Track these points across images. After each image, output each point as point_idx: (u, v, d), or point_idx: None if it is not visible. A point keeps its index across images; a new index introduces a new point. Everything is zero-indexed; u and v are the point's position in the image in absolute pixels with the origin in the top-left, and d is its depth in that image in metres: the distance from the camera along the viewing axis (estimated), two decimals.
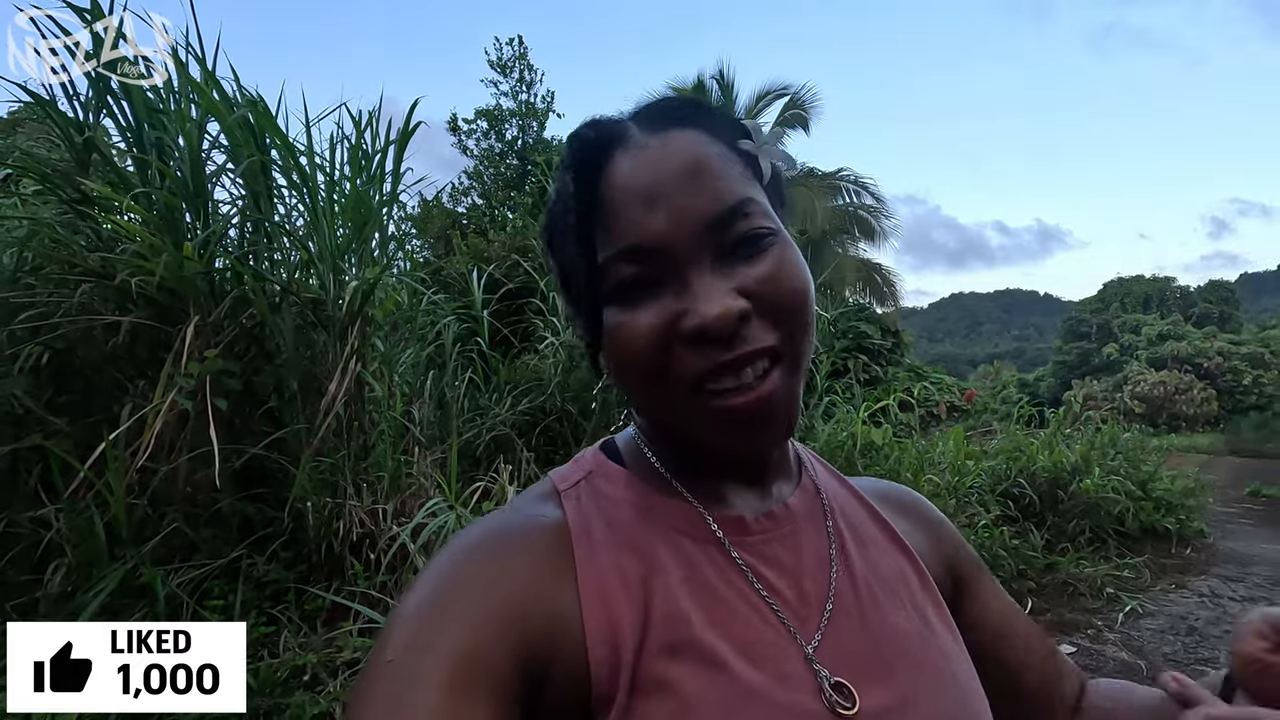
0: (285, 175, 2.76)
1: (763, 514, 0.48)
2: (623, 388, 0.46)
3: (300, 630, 2.12)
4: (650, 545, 0.44)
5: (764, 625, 0.43)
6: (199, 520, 2.32)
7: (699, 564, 0.44)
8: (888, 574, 0.50)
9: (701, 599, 0.42)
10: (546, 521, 0.45)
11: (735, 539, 0.46)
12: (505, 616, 0.39)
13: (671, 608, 0.41)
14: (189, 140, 2.45)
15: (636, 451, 0.50)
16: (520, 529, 0.44)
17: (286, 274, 2.78)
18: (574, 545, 0.43)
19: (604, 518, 0.45)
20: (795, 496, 0.50)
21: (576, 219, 0.43)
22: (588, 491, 0.47)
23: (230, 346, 2.45)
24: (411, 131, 2.92)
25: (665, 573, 0.43)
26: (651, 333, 0.42)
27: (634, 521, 0.45)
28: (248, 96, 2.68)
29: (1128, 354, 31.63)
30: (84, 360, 2.57)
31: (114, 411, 2.41)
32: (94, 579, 2.07)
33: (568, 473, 0.49)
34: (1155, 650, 3.20)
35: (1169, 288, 39.80)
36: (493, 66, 10.45)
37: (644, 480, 0.48)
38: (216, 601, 2.15)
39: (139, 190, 2.29)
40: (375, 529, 2.35)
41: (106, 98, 2.41)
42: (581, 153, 0.43)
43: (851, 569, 0.48)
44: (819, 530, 0.50)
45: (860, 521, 0.53)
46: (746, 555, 0.45)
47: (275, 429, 2.48)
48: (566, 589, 0.41)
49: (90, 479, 2.04)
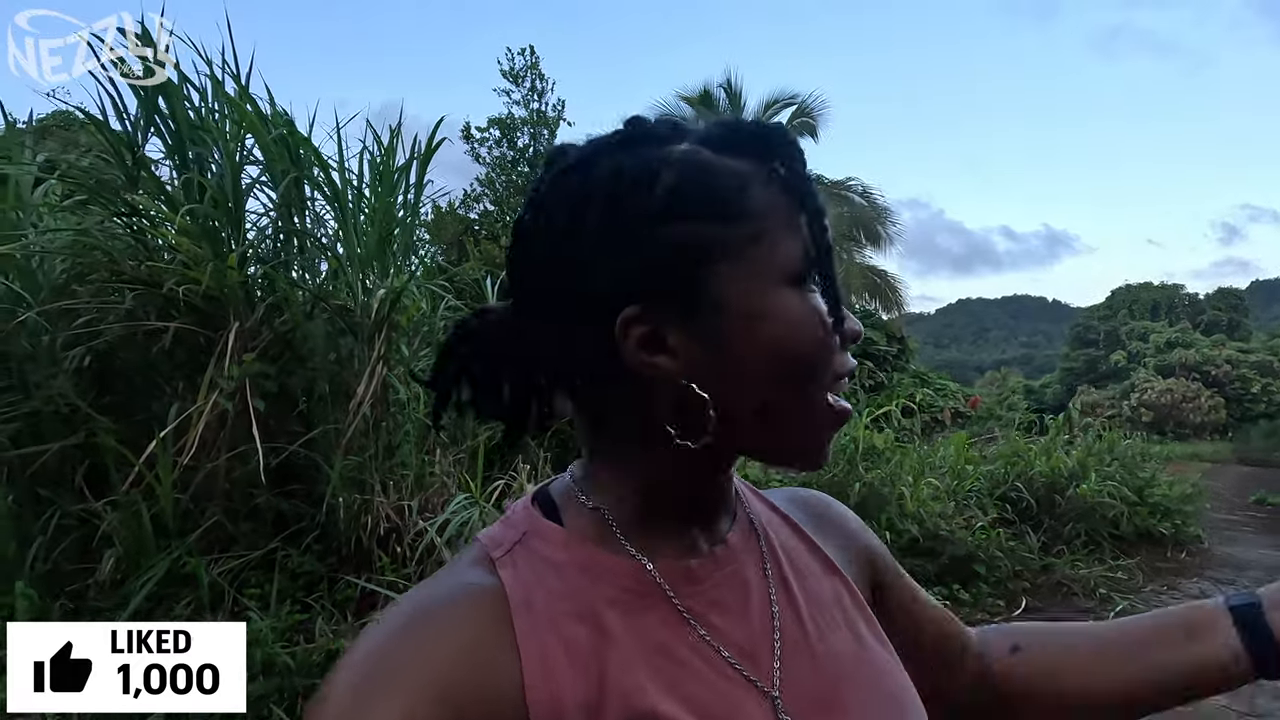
0: (314, 187, 2.92)
1: (707, 557, 0.46)
2: (763, 372, 0.41)
3: (333, 617, 2.26)
4: (599, 610, 0.41)
5: (720, 679, 0.42)
6: (238, 515, 2.48)
7: (649, 624, 0.42)
8: (823, 599, 0.50)
9: (656, 663, 0.41)
10: (481, 589, 0.41)
11: (683, 589, 0.44)
12: (439, 700, 0.36)
13: (626, 679, 0.39)
14: (229, 157, 2.61)
15: (574, 503, 0.46)
16: (452, 600, 0.41)
17: (316, 282, 2.94)
18: (513, 616, 0.40)
19: (544, 585, 0.42)
20: (734, 532, 0.49)
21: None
22: (524, 555, 0.43)
23: (265, 351, 2.61)
24: (435, 148, 3.08)
25: (615, 640, 0.40)
26: (827, 323, 0.42)
27: (579, 585, 0.42)
28: (281, 113, 2.84)
29: (1135, 361, 31.51)
30: (125, 363, 2.73)
31: (155, 411, 2.57)
32: (143, 568, 2.23)
33: (499, 535, 0.45)
34: None
35: (1177, 295, 39.67)
36: (505, 76, 10.63)
37: (582, 537, 0.44)
38: (254, 590, 2.31)
39: (189, 207, 2.45)
40: (401, 524, 2.49)
41: (154, 117, 2.57)
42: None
43: (794, 601, 0.48)
44: (757, 564, 0.48)
45: (792, 547, 0.52)
46: (694, 605, 0.44)
47: (306, 429, 2.64)
48: (507, 666, 0.38)
49: (143, 472, 2.19)
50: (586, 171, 0.42)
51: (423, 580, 0.44)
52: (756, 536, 0.50)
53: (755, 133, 0.43)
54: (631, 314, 0.40)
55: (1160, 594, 4.10)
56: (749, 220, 0.41)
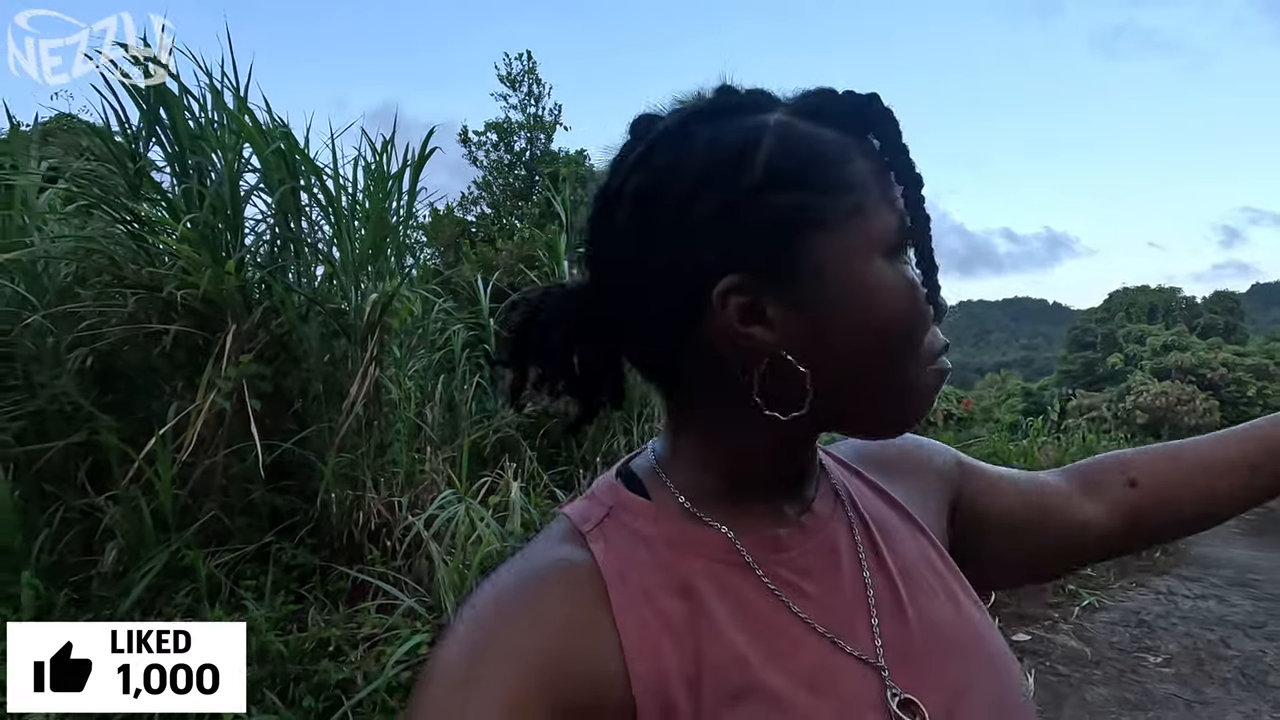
0: (309, 194, 3.03)
1: (796, 525, 0.45)
2: (861, 344, 0.41)
3: (325, 608, 2.36)
4: (691, 582, 0.41)
5: (822, 649, 0.41)
6: (234, 509, 2.58)
7: (745, 595, 0.42)
8: (913, 561, 0.48)
9: (755, 633, 0.40)
10: (574, 564, 0.41)
11: (772, 558, 0.43)
12: (541, 674, 0.36)
13: (726, 650, 0.39)
14: (228, 167, 2.72)
15: (658, 477, 0.46)
16: (546, 575, 0.40)
17: (311, 285, 3.04)
18: (609, 590, 0.39)
19: (636, 558, 0.41)
20: (818, 500, 0.48)
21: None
22: (614, 529, 0.43)
23: (261, 353, 2.71)
24: (427, 156, 3.18)
25: (711, 612, 0.40)
26: (920, 293, 0.41)
27: (669, 558, 0.42)
28: (278, 123, 2.95)
29: (1132, 364, 31.57)
30: (127, 364, 2.83)
31: (155, 410, 2.67)
32: (143, 560, 2.33)
33: (585, 510, 0.44)
34: (1104, 640, 3.46)
35: (1174, 298, 39.74)
36: (502, 80, 10.75)
37: (669, 511, 0.44)
38: (250, 582, 2.41)
39: (190, 216, 2.55)
40: (391, 519, 2.60)
41: (155, 127, 2.68)
42: None
43: (885, 567, 0.47)
44: (846, 531, 0.47)
45: (876, 509, 0.51)
46: (785, 574, 0.43)
47: (300, 428, 2.74)
48: (606, 640, 0.38)
49: (143, 468, 2.29)
50: (681, 140, 0.41)
51: (511, 556, 0.44)
52: (842, 503, 0.49)
53: (849, 102, 0.42)
54: (730, 284, 0.39)
55: (1128, 590, 4.23)
56: (849, 191, 0.40)
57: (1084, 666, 3.21)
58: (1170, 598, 4.09)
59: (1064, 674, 3.17)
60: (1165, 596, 4.11)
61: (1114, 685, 3.07)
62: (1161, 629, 3.58)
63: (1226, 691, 3.02)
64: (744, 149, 0.40)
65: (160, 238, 2.65)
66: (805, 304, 0.40)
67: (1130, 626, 3.62)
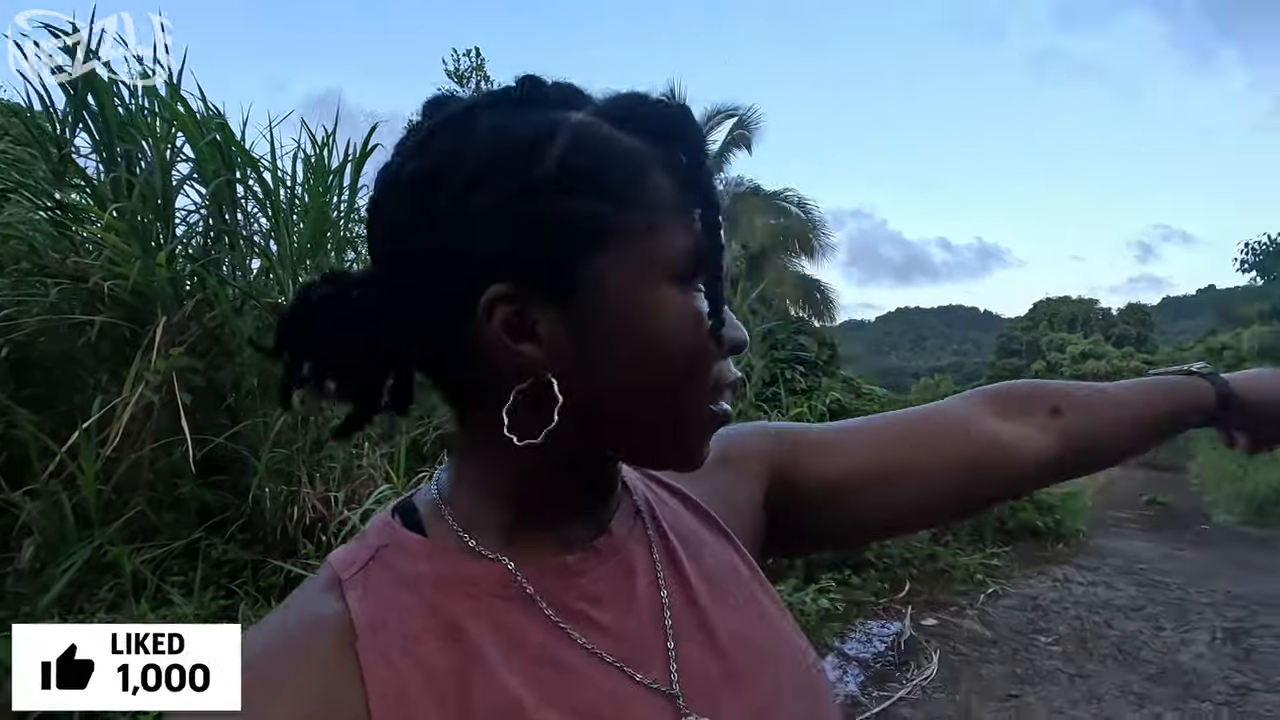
0: (245, 187, 3.00)
1: (587, 550, 0.42)
2: (635, 374, 0.38)
3: (256, 603, 2.36)
4: (461, 623, 0.38)
5: (609, 682, 0.39)
6: (161, 505, 2.54)
7: (523, 631, 0.38)
8: (717, 573, 0.46)
9: (530, 673, 0.37)
10: (325, 619, 0.37)
11: (558, 588, 0.40)
12: None
13: (498, 694, 0.36)
14: (159, 155, 2.67)
15: (437, 509, 0.42)
16: (293, 635, 0.37)
17: (247, 279, 3.01)
18: (358, 645, 0.36)
19: (398, 603, 0.38)
20: (616, 520, 0.45)
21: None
22: (377, 573, 0.39)
23: (193, 346, 2.68)
24: (370, 152, 3.19)
25: (483, 654, 0.37)
26: (706, 326, 0.38)
27: (436, 600, 0.38)
28: (213, 113, 2.91)
29: (1053, 371, 33.45)
30: (44, 355, 2.74)
31: (77, 404, 2.60)
32: (62, 556, 2.28)
33: (350, 555, 0.41)
34: (1003, 623, 3.83)
35: (1093, 309, 42.29)
36: (450, 76, 10.63)
37: (445, 546, 0.40)
38: (177, 578, 2.38)
39: (117, 205, 2.50)
40: (327, 514, 2.61)
41: (83, 113, 2.61)
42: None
43: (685, 582, 0.44)
44: (644, 550, 0.45)
45: (679, 521, 0.48)
46: (571, 603, 0.40)
47: (233, 423, 2.71)
48: (352, 702, 0.35)
49: (65, 461, 2.25)
50: (466, 126, 0.38)
51: (274, 610, 0.41)
52: (641, 520, 0.46)
53: (660, 112, 0.39)
54: (499, 292, 0.36)
55: (1029, 579, 4.65)
56: (645, 207, 0.37)
57: (982, 646, 3.52)
58: (1065, 584, 4.52)
59: (964, 654, 3.47)
60: (1061, 583, 4.54)
61: (1008, 663, 3.39)
62: (1054, 612, 3.96)
63: (1104, 666, 3.38)
64: (535, 143, 0.36)
65: (85, 226, 2.58)
66: (579, 323, 0.37)
67: (1027, 610, 3.99)
